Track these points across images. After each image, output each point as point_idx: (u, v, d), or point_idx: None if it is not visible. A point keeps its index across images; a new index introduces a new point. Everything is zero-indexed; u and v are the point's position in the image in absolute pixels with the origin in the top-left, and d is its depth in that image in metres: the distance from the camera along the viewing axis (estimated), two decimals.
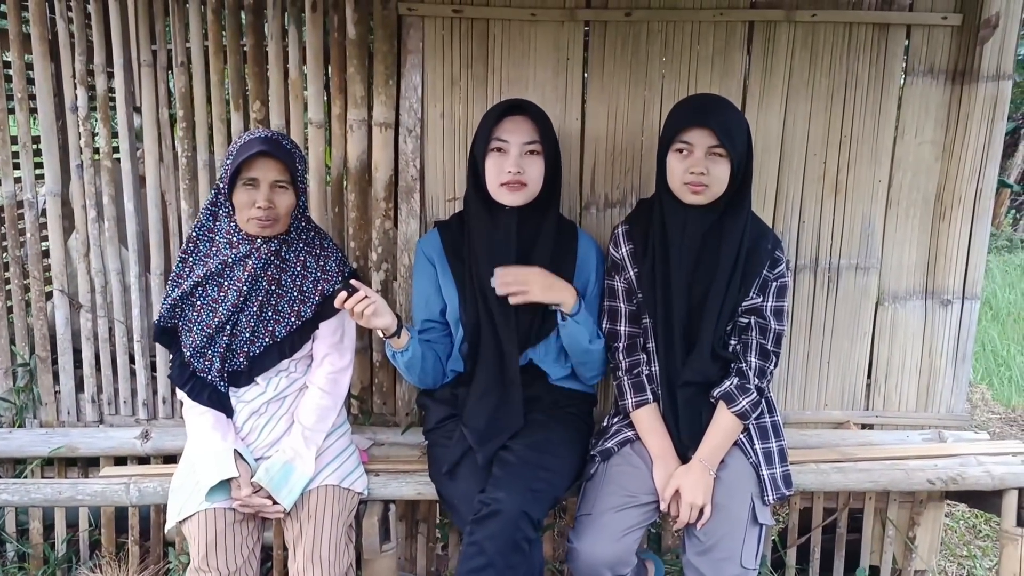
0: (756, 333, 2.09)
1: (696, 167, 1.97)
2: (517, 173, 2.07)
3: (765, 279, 2.08)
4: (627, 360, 2.17)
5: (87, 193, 2.57)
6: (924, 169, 2.51)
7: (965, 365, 2.62)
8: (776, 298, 2.10)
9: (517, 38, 2.43)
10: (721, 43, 2.43)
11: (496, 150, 2.09)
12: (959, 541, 3.16)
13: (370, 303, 1.95)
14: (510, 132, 2.08)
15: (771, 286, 2.09)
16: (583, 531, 2.01)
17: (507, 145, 2.08)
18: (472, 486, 2.00)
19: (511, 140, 2.08)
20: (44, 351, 2.67)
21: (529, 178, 2.09)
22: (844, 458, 2.35)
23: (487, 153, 2.10)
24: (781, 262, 2.10)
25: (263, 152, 1.95)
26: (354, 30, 2.42)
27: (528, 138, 2.09)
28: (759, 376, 2.06)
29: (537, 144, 2.10)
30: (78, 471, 2.65)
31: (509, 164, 2.07)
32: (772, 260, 2.09)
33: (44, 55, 2.52)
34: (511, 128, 2.09)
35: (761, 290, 2.09)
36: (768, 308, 2.10)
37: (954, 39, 2.44)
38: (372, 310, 1.96)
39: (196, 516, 1.99)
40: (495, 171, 2.09)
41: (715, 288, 2.04)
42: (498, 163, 2.09)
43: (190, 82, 2.51)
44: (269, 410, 2.14)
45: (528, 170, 2.08)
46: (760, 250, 2.08)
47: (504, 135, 2.08)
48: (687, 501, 1.97)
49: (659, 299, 2.08)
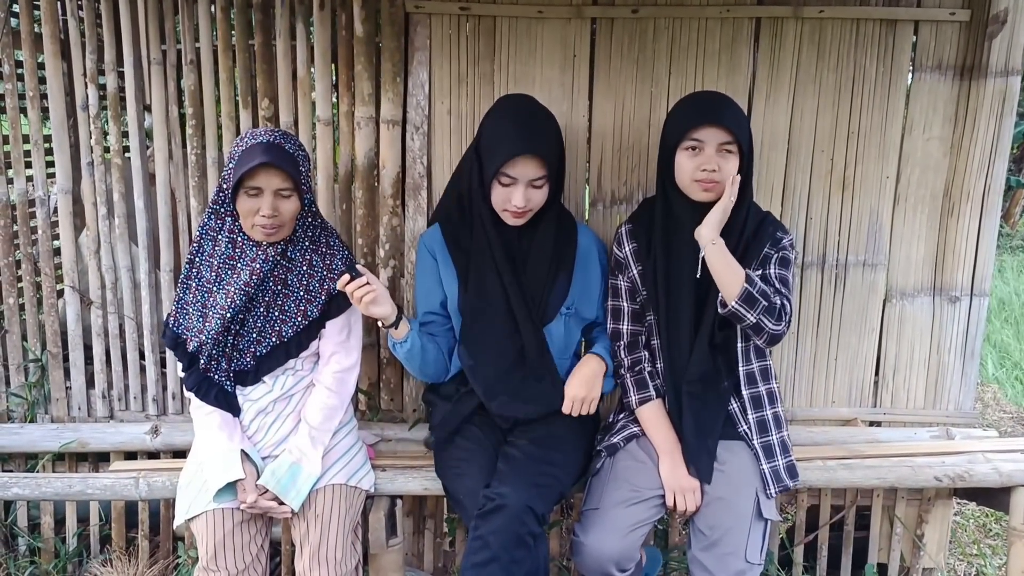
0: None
1: (708, 164, 1.98)
2: (524, 206, 2.06)
3: (765, 255, 2.06)
4: (629, 357, 2.17)
5: (98, 191, 2.60)
6: (932, 165, 2.50)
7: (974, 362, 2.61)
8: (779, 266, 2.05)
9: (524, 35, 2.44)
10: (728, 39, 2.42)
11: (502, 184, 2.06)
12: (969, 540, 3.15)
13: (370, 291, 1.95)
14: (520, 170, 2.03)
15: (772, 257, 2.06)
16: (589, 526, 2.02)
17: (515, 182, 2.04)
18: (478, 481, 2.01)
19: (519, 178, 2.03)
20: (55, 347, 2.69)
21: (534, 204, 2.08)
22: (851, 455, 2.35)
23: (494, 183, 2.06)
24: (783, 240, 2.08)
25: (265, 163, 1.90)
26: (361, 28, 2.43)
27: (535, 176, 2.05)
28: (774, 310, 1.97)
29: (544, 179, 2.07)
30: (89, 466, 2.68)
31: (517, 199, 2.04)
32: (772, 239, 2.07)
33: (55, 54, 2.54)
34: (521, 166, 2.03)
35: (762, 264, 2.06)
36: (772, 276, 2.04)
37: (962, 35, 2.43)
38: (371, 298, 1.96)
39: (204, 516, 2.00)
40: (501, 200, 2.07)
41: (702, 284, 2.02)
42: (504, 195, 2.06)
43: (199, 80, 2.53)
44: (276, 408, 2.14)
45: (533, 198, 2.07)
46: (762, 234, 2.07)
47: (513, 173, 2.03)
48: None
49: (663, 296, 2.08)
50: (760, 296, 1.95)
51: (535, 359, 2.15)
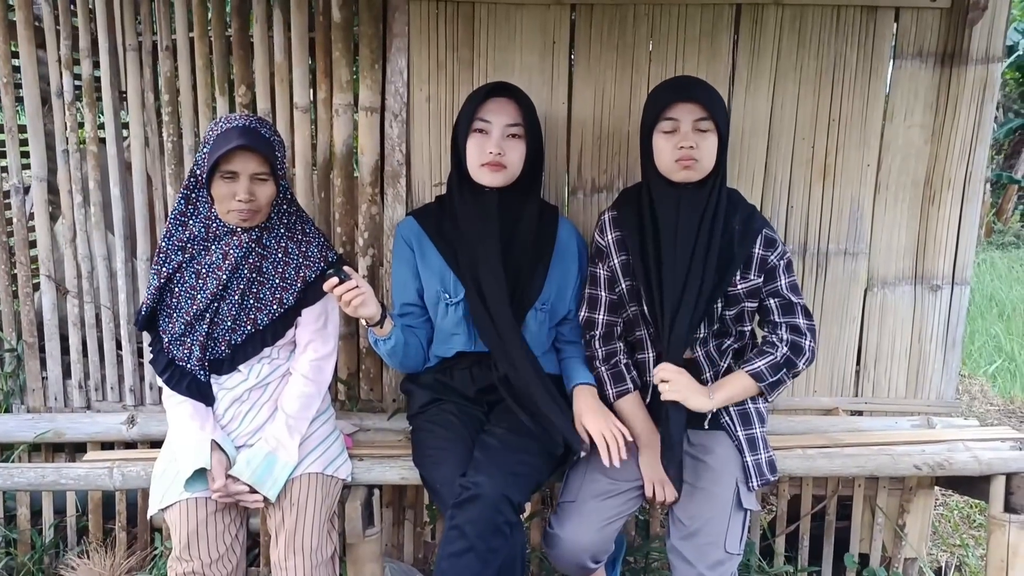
0: (780, 314, 2.07)
1: (685, 141, 1.95)
2: (498, 154, 2.06)
3: (764, 258, 2.05)
4: (604, 349, 2.14)
5: (73, 179, 2.57)
6: (913, 153, 2.49)
7: (955, 351, 2.60)
8: (787, 274, 2.08)
9: (503, 22, 2.42)
10: (708, 26, 2.41)
11: (478, 131, 2.09)
12: (953, 530, 3.15)
13: (359, 294, 1.94)
14: (493, 113, 2.08)
15: (779, 264, 2.06)
16: (565, 518, 2.00)
17: (489, 127, 2.08)
18: (454, 470, 1.99)
19: (494, 121, 2.08)
20: (31, 337, 2.67)
21: (509, 160, 2.09)
22: (832, 444, 2.34)
23: (469, 134, 2.09)
24: (776, 241, 2.07)
25: (242, 146, 1.89)
26: (339, 14, 2.41)
27: (511, 120, 2.08)
28: (793, 350, 2.03)
29: (520, 127, 2.10)
30: (65, 457, 2.65)
31: (491, 145, 2.07)
32: (766, 240, 2.05)
33: (29, 40, 2.52)
34: (495, 109, 2.09)
35: (765, 271, 2.05)
36: (784, 286, 2.07)
37: (943, 21, 2.41)
38: (360, 301, 1.95)
39: (176, 506, 1.98)
40: (476, 152, 2.08)
41: (694, 268, 2.00)
42: (480, 144, 2.08)
43: (175, 67, 2.51)
44: (251, 397, 2.11)
45: (509, 153, 2.08)
46: (750, 230, 2.05)
47: (487, 116, 2.08)
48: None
49: (654, 284, 2.04)
50: (776, 371, 2.03)
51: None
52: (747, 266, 2.05)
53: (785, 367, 2.03)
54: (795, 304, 2.07)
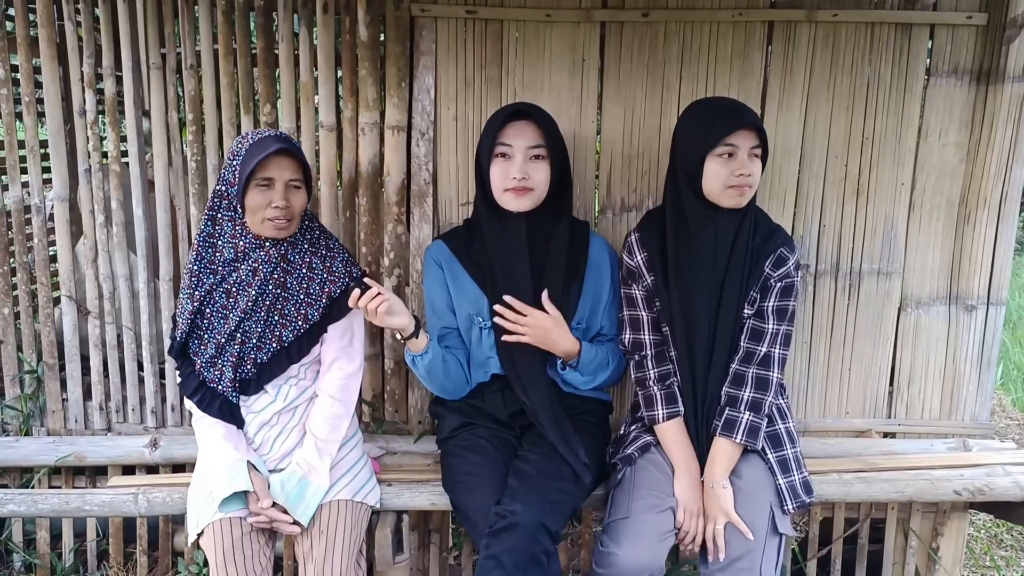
0: (748, 337, 2.03)
1: (743, 169, 1.94)
2: (523, 179, 2.03)
3: (767, 278, 2.02)
4: (657, 370, 2.11)
5: (95, 198, 2.54)
6: (948, 171, 2.45)
7: (990, 372, 2.56)
8: (780, 297, 2.03)
9: (532, 39, 2.39)
10: (740, 43, 2.38)
11: (501, 156, 2.06)
12: (982, 551, 3.10)
13: (384, 300, 1.90)
14: (514, 137, 2.05)
15: (775, 285, 2.03)
16: (621, 535, 1.94)
17: (511, 150, 2.05)
18: (488, 497, 1.95)
19: (515, 145, 2.05)
20: (51, 358, 2.63)
21: (535, 182, 2.06)
22: (867, 467, 2.30)
23: (492, 159, 2.07)
24: (788, 261, 2.04)
25: (280, 151, 1.91)
26: (366, 32, 2.38)
27: (532, 142, 2.05)
28: (752, 409, 2.00)
29: (542, 148, 2.06)
30: (86, 480, 2.61)
31: (514, 170, 2.04)
32: (777, 259, 2.03)
33: (52, 58, 2.48)
34: (515, 133, 2.05)
35: (761, 289, 2.03)
36: (769, 308, 2.03)
37: (979, 39, 2.38)
38: (386, 308, 1.92)
39: (211, 526, 1.94)
40: (500, 177, 2.06)
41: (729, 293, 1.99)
42: (503, 169, 2.06)
43: (199, 85, 2.48)
44: (280, 421, 2.09)
45: (534, 175, 2.05)
46: (766, 249, 2.03)
47: (508, 140, 2.05)
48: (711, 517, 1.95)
49: (682, 308, 2.03)
50: (753, 425, 2.00)
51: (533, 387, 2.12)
52: (756, 285, 2.03)
53: (756, 418, 2.00)
54: (766, 331, 2.03)
